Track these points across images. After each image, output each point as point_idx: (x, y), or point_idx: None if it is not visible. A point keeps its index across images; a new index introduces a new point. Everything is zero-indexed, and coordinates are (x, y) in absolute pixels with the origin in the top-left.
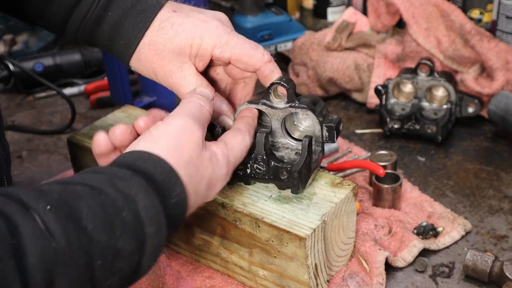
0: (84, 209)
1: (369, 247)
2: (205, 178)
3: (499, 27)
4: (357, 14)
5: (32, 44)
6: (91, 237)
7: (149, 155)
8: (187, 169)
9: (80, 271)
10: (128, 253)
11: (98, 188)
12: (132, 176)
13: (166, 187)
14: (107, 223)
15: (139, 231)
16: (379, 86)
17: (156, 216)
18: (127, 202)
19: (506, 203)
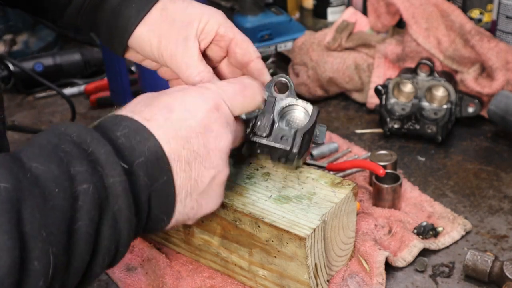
0: (23, 155)
1: (369, 247)
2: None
3: (499, 27)
4: (357, 14)
5: (32, 44)
6: (38, 172)
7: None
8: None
9: (38, 201)
10: (84, 173)
11: (33, 141)
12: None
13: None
14: (50, 156)
15: (84, 154)
16: (379, 86)
17: (98, 139)
18: (61, 137)
19: (506, 203)
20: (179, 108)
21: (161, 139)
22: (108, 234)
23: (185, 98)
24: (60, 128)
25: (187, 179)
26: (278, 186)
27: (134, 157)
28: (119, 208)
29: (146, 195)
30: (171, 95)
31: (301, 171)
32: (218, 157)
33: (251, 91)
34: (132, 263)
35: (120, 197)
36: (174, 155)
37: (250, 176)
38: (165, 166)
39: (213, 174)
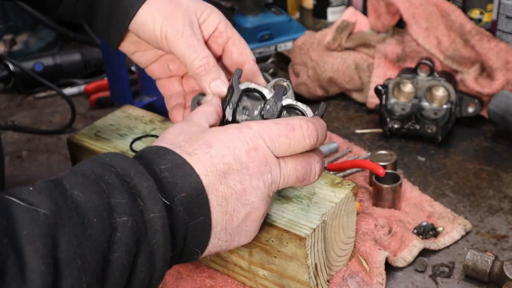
0: (66, 182)
1: (369, 247)
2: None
3: (499, 27)
4: (357, 14)
5: (32, 44)
6: (79, 199)
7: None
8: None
9: (76, 229)
10: (124, 206)
11: (77, 169)
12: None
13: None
14: (92, 186)
15: (126, 186)
16: (379, 86)
17: (142, 173)
18: (105, 168)
19: (506, 203)
20: (218, 144)
21: (200, 173)
22: (143, 268)
23: (224, 136)
24: (105, 158)
25: (223, 214)
26: None
27: (176, 192)
28: (157, 243)
29: (184, 230)
30: (210, 133)
31: None
32: (254, 195)
33: (299, 133)
34: None
35: (159, 233)
36: (212, 189)
37: None
38: (204, 202)
39: (248, 211)
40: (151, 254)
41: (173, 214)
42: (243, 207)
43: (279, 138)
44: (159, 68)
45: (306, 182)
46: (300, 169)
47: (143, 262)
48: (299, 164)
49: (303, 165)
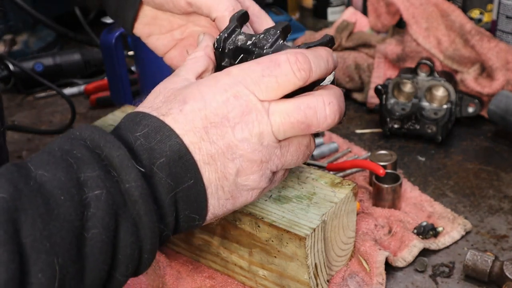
0: (31, 163)
1: (369, 247)
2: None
3: (499, 27)
4: (357, 14)
5: (32, 44)
6: (44, 179)
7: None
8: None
9: (40, 210)
10: (96, 179)
11: (44, 148)
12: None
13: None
14: (59, 162)
15: (97, 158)
16: (379, 86)
17: (112, 143)
18: (74, 143)
19: (506, 203)
20: (193, 98)
21: (179, 133)
22: (128, 242)
23: (201, 89)
24: (75, 132)
25: (214, 172)
26: (278, 186)
27: (154, 159)
28: (138, 214)
29: (171, 198)
30: (188, 87)
31: (301, 171)
32: (241, 148)
33: (286, 68)
34: None
35: (137, 203)
36: (194, 148)
37: None
38: (190, 164)
39: (238, 165)
40: (134, 226)
41: (153, 182)
42: (232, 162)
43: (262, 78)
44: (178, 55)
45: (314, 128)
46: (296, 111)
47: (126, 236)
48: (294, 105)
49: (302, 106)
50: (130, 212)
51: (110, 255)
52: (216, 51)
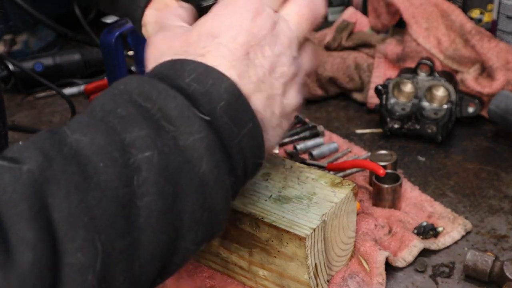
0: (68, 127)
1: (369, 247)
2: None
3: (499, 27)
4: (357, 14)
5: (32, 44)
6: (80, 145)
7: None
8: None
9: (75, 180)
10: (146, 139)
11: (86, 109)
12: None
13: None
14: (98, 125)
15: (146, 114)
16: (379, 86)
17: (167, 92)
18: (117, 99)
19: (506, 203)
20: (222, 29)
21: (227, 68)
22: (196, 206)
23: (222, 18)
24: (119, 86)
25: (266, 98)
26: (278, 186)
27: (215, 103)
28: (205, 172)
29: (237, 146)
30: (204, 24)
31: (301, 171)
32: (281, 63)
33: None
34: None
35: (204, 158)
36: (245, 79)
37: None
38: (246, 104)
39: (283, 81)
40: (201, 186)
41: (219, 130)
42: (277, 80)
43: None
44: None
45: (319, 18)
46: (304, 10)
47: (192, 198)
48: (300, 5)
49: (305, 2)
50: (194, 170)
51: (172, 224)
52: None
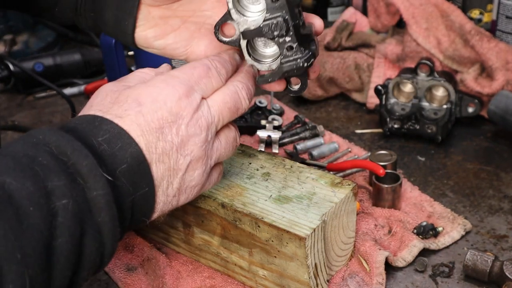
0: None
1: (369, 247)
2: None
3: (499, 27)
4: (357, 14)
5: (32, 44)
6: (12, 188)
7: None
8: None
9: (11, 222)
10: (63, 188)
11: (6, 151)
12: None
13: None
14: (26, 170)
15: (63, 166)
16: (379, 86)
17: (80, 150)
18: (38, 148)
19: (506, 203)
20: (147, 100)
21: (137, 135)
22: (92, 248)
23: (152, 90)
24: (38, 135)
25: (166, 170)
26: (278, 186)
27: (117, 165)
28: (103, 221)
29: (129, 202)
30: (137, 89)
31: (301, 171)
32: (192, 143)
33: (214, 71)
34: (132, 263)
35: (104, 210)
36: (151, 148)
37: (250, 176)
38: (146, 170)
39: (189, 160)
40: (98, 233)
41: (117, 188)
42: (183, 158)
43: (201, 79)
44: (208, 43)
45: (240, 111)
46: (229, 99)
47: (91, 242)
48: (226, 94)
49: (231, 94)
50: (95, 219)
51: (75, 262)
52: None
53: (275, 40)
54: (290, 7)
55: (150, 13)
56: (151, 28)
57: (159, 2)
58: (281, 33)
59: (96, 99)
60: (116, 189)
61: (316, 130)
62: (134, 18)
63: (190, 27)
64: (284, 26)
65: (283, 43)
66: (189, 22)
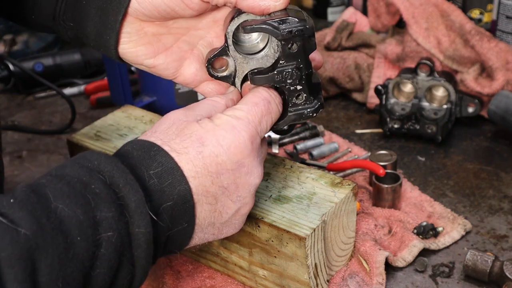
0: (50, 192)
1: (369, 247)
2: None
3: (499, 27)
4: (357, 14)
5: (32, 44)
6: (63, 214)
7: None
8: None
9: (59, 250)
10: (111, 220)
11: (63, 173)
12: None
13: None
14: (78, 197)
15: (114, 197)
16: (379, 86)
17: (131, 185)
18: (93, 175)
19: (506, 203)
20: (211, 142)
21: (189, 175)
22: (124, 280)
23: (219, 132)
24: (94, 161)
25: (212, 212)
26: (278, 186)
27: (162, 201)
28: (139, 256)
29: (165, 238)
30: (204, 127)
31: (301, 171)
32: (247, 191)
33: (274, 104)
34: None
35: (141, 247)
36: (202, 190)
37: None
38: (190, 209)
39: (239, 206)
40: (132, 266)
41: (157, 225)
42: (233, 203)
43: (263, 118)
44: (198, 67)
45: None
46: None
47: (124, 275)
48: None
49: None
50: (132, 253)
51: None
52: None
53: (286, 88)
54: (305, 55)
55: (142, 29)
56: (143, 45)
57: (154, 19)
58: (294, 82)
59: (162, 126)
60: (156, 226)
61: (316, 130)
62: (116, 32)
63: (183, 46)
64: (298, 75)
65: (293, 91)
66: (182, 41)
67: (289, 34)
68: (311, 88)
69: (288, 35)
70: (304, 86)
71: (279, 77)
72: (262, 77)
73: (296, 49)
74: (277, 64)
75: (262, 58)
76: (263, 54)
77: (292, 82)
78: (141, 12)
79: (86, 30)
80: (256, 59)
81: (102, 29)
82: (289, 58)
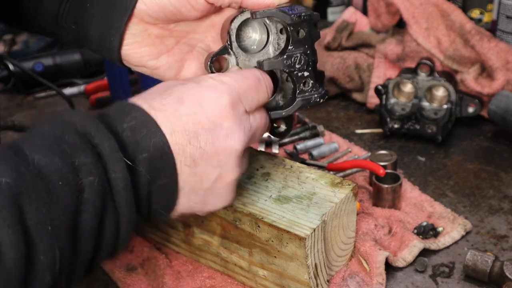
0: (26, 146)
1: (369, 247)
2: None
3: (499, 27)
4: (357, 14)
5: (32, 44)
6: (41, 164)
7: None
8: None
9: (42, 195)
10: (89, 165)
11: (36, 131)
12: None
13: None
14: (54, 148)
15: (89, 145)
16: (379, 86)
17: (103, 132)
18: (65, 128)
19: (506, 203)
20: (191, 100)
21: (166, 132)
22: (111, 228)
23: (200, 91)
24: (64, 117)
25: (192, 175)
26: (278, 186)
27: (137, 153)
28: (120, 204)
29: (147, 192)
30: (186, 86)
31: (301, 171)
32: (228, 156)
33: (264, 85)
34: (132, 263)
35: (120, 193)
36: (179, 150)
37: (250, 176)
38: (169, 163)
39: (219, 173)
40: (115, 215)
41: (135, 175)
42: (213, 168)
43: (250, 91)
44: (198, 68)
45: (264, 134)
46: (263, 120)
47: (110, 221)
48: (263, 115)
49: (265, 115)
50: (114, 199)
51: (96, 239)
52: None
53: (294, 74)
54: (312, 42)
55: (146, 31)
56: (147, 46)
57: (158, 21)
58: (302, 67)
59: (151, 89)
60: (135, 176)
61: (316, 130)
62: (121, 33)
63: (183, 48)
64: (306, 60)
65: (301, 77)
66: (182, 43)
67: (298, 19)
68: (317, 75)
69: (297, 19)
70: (311, 73)
71: (289, 61)
72: (273, 61)
73: (303, 35)
74: (286, 50)
75: (263, 56)
76: (264, 52)
77: (300, 68)
78: (147, 13)
79: (89, 33)
80: (257, 57)
81: (106, 30)
82: (297, 44)
